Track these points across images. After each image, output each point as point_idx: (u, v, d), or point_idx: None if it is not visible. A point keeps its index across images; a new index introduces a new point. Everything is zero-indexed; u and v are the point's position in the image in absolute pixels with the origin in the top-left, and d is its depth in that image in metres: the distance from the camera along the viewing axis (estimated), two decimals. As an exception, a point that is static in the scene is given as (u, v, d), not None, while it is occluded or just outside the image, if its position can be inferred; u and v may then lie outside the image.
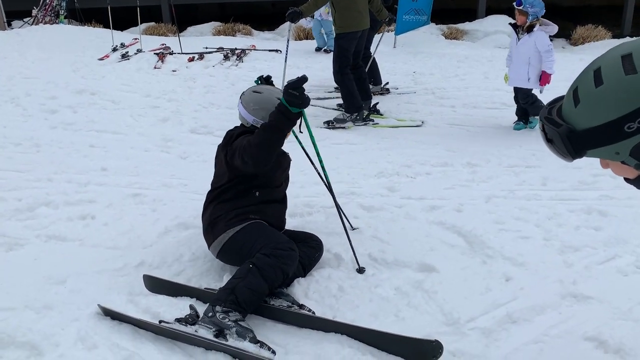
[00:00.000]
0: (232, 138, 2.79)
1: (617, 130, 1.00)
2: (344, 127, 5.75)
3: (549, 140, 1.12)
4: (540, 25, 5.25)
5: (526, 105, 5.56)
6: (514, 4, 5.24)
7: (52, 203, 3.83)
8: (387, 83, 7.29)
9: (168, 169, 4.62)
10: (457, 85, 7.54)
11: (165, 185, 4.27)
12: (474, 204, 3.85)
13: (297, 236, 2.95)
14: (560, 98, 1.18)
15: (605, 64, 1.03)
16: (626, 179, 1.16)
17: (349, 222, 3.36)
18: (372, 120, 5.90)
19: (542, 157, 4.78)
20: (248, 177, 2.79)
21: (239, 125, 2.98)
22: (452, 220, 3.58)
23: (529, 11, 5.17)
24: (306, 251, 2.84)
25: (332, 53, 6.20)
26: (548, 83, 5.40)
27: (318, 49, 9.92)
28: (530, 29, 5.25)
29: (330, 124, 5.79)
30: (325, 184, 3.20)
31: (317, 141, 3.30)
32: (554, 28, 5.28)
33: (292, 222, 3.51)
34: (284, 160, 2.98)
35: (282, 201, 3.03)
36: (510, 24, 5.43)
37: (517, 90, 5.58)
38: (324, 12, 9.43)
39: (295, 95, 2.43)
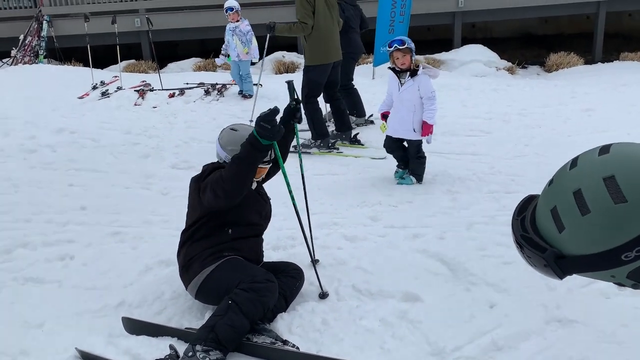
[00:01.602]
0: (206, 173, 2.78)
1: (613, 259, 0.94)
2: (309, 153, 5.81)
3: (528, 257, 1.03)
4: (423, 68, 4.66)
5: (413, 160, 4.92)
6: (395, 45, 4.51)
7: (29, 244, 3.76)
8: (372, 115, 7.35)
9: (149, 206, 4.58)
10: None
11: (146, 222, 4.22)
12: (456, 231, 3.87)
13: (276, 267, 2.93)
14: (528, 201, 1.08)
15: (586, 186, 0.94)
16: None
17: (313, 254, 3.32)
18: (337, 149, 5.96)
19: (522, 182, 4.85)
20: (219, 213, 2.76)
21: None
22: (435, 248, 3.58)
23: (412, 47, 4.53)
24: (286, 281, 2.82)
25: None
26: (430, 134, 4.77)
27: (241, 92, 8.65)
28: (414, 73, 4.61)
29: (295, 148, 5.83)
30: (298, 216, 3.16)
31: (299, 172, 3.33)
32: (436, 72, 4.74)
33: (276, 255, 3.49)
34: (257, 202, 2.93)
35: (258, 235, 3.01)
36: (389, 68, 4.74)
37: (394, 140, 4.93)
38: (241, 52, 8.35)
39: (266, 128, 2.42)
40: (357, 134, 6.34)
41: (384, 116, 4.99)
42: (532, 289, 3.04)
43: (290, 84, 3.09)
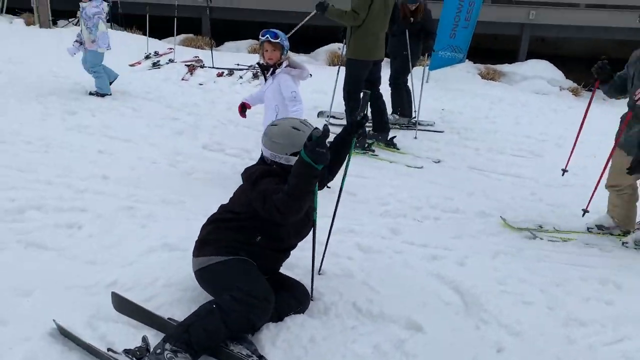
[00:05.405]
0: (255, 177, 2.59)
1: None
2: None
3: None
4: (288, 65, 4.19)
5: None
6: (267, 36, 4.05)
7: (43, 207, 3.74)
8: (415, 117, 7.08)
9: (171, 184, 4.50)
10: (485, 127, 7.29)
11: (163, 200, 4.14)
12: (479, 258, 3.60)
13: (284, 283, 2.77)
14: None
15: None
16: None
17: (320, 265, 3.20)
18: (373, 151, 5.73)
19: (562, 214, 4.49)
20: (259, 217, 2.58)
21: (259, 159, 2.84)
22: (452, 274, 3.33)
23: (284, 45, 4.10)
24: (288, 302, 2.65)
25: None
26: None
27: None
28: (274, 70, 4.20)
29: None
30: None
31: None
32: (303, 72, 4.25)
33: (283, 256, 3.33)
34: (300, 222, 2.71)
35: (285, 252, 2.85)
36: (258, 63, 4.20)
37: None
38: (87, 39, 6.73)
39: (322, 153, 2.23)
40: (394, 137, 6.08)
41: (242, 107, 4.57)
42: (549, 337, 2.77)
43: (365, 95, 2.96)
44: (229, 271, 2.56)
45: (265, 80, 4.31)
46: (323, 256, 3.17)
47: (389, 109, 6.59)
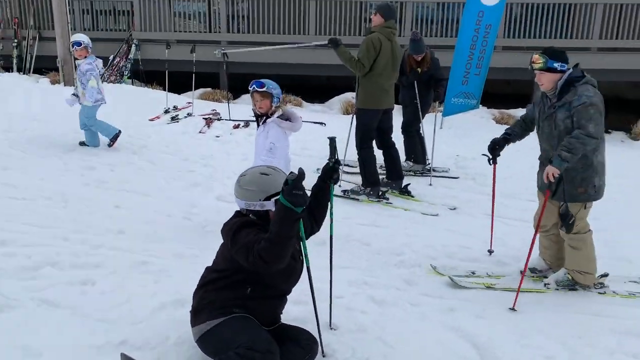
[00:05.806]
0: (234, 231, 2.60)
1: None
2: (357, 199, 5.61)
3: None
4: (280, 115, 4.20)
5: None
6: (254, 86, 4.09)
7: (58, 264, 3.78)
8: (429, 163, 7.07)
9: (185, 237, 4.53)
10: (500, 173, 7.18)
11: (176, 254, 4.16)
12: (497, 310, 3.51)
13: (288, 333, 2.72)
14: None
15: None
16: None
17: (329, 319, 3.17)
18: (387, 199, 5.70)
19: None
20: (244, 269, 2.59)
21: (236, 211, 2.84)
22: (470, 326, 3.25)
23: (272, 93, 4.11)
24: (294, 351, 2.61)
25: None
26: None
27: (82, 144, 7.08)
28: (266, 119, 4.22)
29: (345, 193, 5.70)
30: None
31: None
32: (295, 125, 4.25)
33: (296, 310, 3.27)
34: (287, 266, 2.64)
35: (280, 298, 2.82)
36: (252, 109, 4.33)
37: None
38: (81, 94, 6.92)
39: (299, 195, 2.26)
40: (408, 184, 6.06)
41: None
42: (572, 395, 2.65)
43: (332, 141, 3.00)
44: (227, 331, 2.56)
45: (258, 127, 4.38)
46: (330, 309, 3.13)
47: (402, 156, 6.61)
